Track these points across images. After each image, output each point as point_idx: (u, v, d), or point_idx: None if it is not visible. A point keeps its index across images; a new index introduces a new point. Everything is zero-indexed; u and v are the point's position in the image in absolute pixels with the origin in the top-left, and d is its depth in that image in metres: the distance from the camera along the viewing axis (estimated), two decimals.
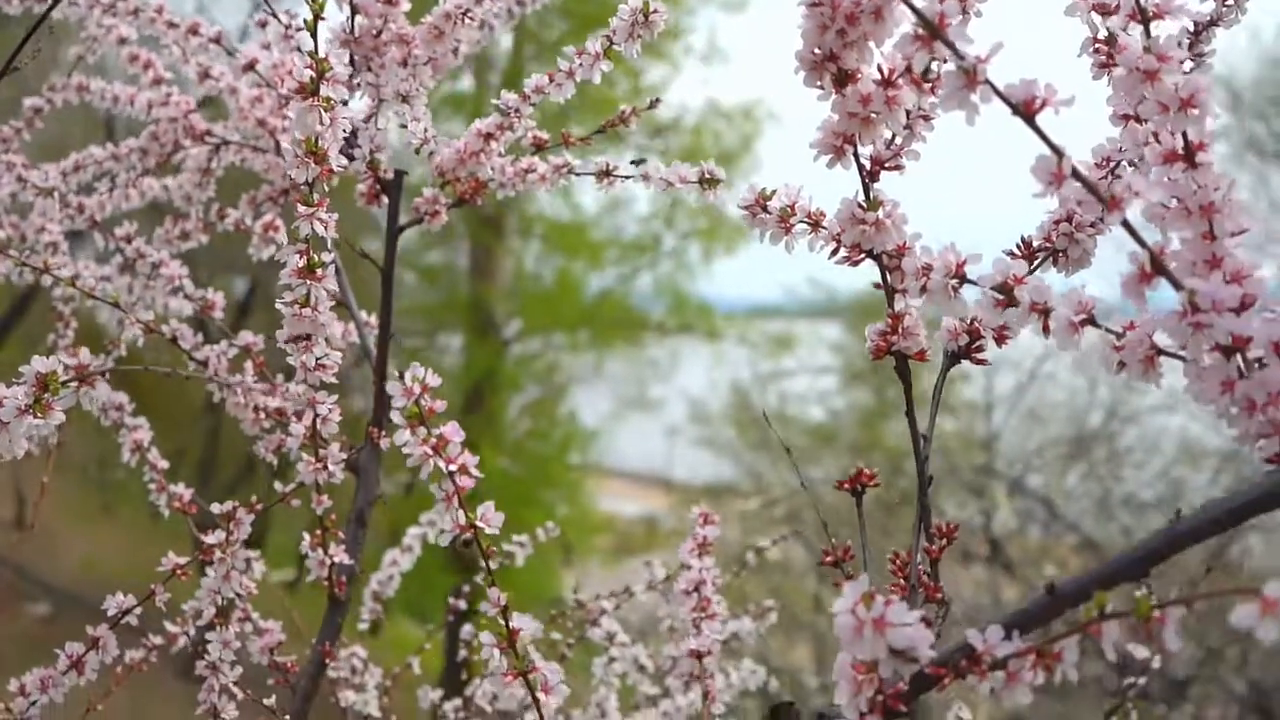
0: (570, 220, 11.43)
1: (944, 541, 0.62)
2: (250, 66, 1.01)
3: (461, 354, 10.86)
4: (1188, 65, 0.71)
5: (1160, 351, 0.53)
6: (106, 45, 1.20)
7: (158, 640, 1.13)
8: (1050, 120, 0.52)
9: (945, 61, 0.53)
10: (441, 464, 0.61)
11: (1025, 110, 0.49)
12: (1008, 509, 5.93)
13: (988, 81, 0.49)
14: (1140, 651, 1.10)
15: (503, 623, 0.64)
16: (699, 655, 0.91)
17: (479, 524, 0.62)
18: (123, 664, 1.14)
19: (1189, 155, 0.53)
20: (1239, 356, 0.50)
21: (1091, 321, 0.55)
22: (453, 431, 0.61)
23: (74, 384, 0.65)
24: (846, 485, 0.66)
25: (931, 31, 0.49)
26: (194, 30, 1.06)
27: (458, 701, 1.32)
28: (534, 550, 1.50)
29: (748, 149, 10.21)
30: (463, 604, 1.50)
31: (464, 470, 0.61)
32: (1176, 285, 0.50)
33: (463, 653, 1.31)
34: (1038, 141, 0.51)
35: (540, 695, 0.63)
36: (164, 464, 1.07)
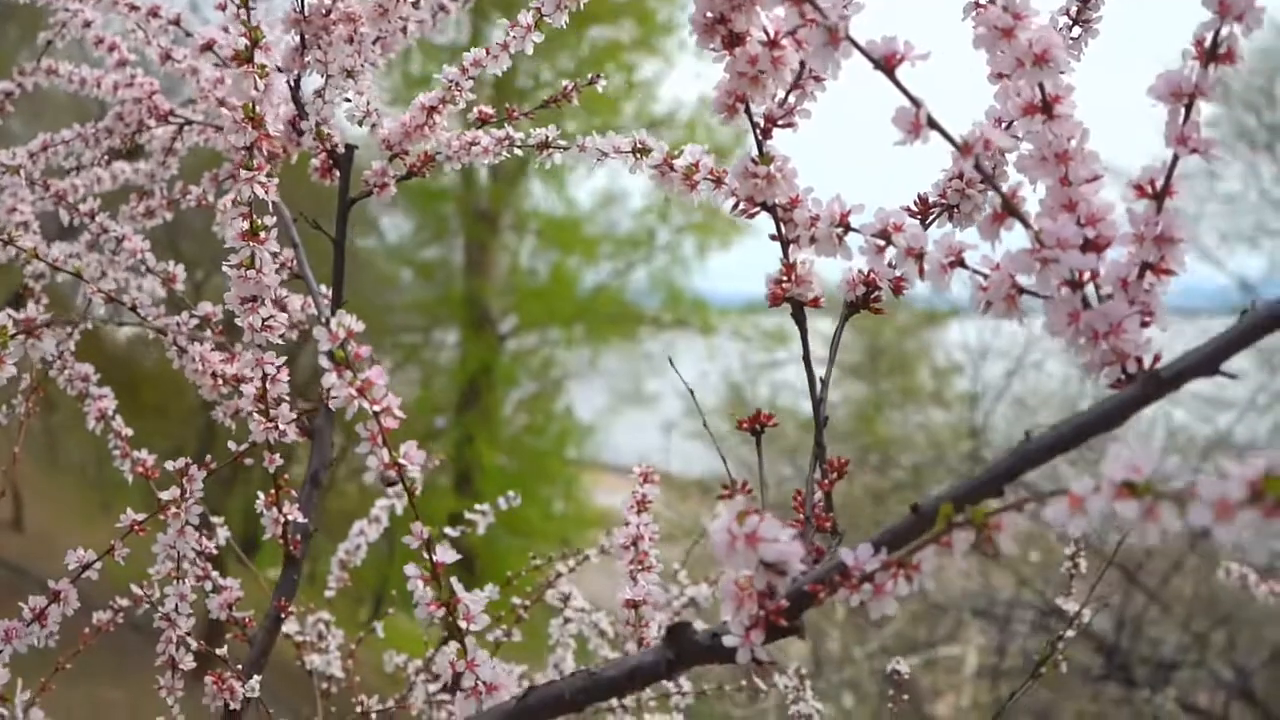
0: (565, 215, 11.48)
1: (835, 476, 0.66)
2: (208, 47, 1.04)
3: (457, 349, 10.91)
4: (1076, 31, 0.75)
5: (1021, 290, 0.57)
6: (74, 29, 1.24)
7: (124, 602, 1.17)
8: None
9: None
10: (366, 405, 0.64)
11: (886, 65, 0.53)
12: None
13: (849, 38, 0.53)
14: (1069, 606, 1.14)
15: (427, 556, 0.68)
16: (634, 605, 0.95)
17: (402, 461, 0.66)
18: (90, 625, 1.19)
19: (1046, 107, 0.57)
20: (1086, 290, 0.55)
21: (961, 263, 0.59)
22: (377, 374, 0.65)
23: (21, 336, 0.69)
24: (745, 425, 0.70)
25: None
26: (154, 13, 1.10)
27: (418, 663, 1.36)
28: (510, 527, 1.54)
29: (741, 143, 10.23)
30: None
31: (388, 411, 0.65)
32: (1026, 225, 0.54)
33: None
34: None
35: (462, 624, 0.67)
36: (128, 431, 1.11)
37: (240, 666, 0.95)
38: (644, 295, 11.52)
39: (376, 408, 0.65)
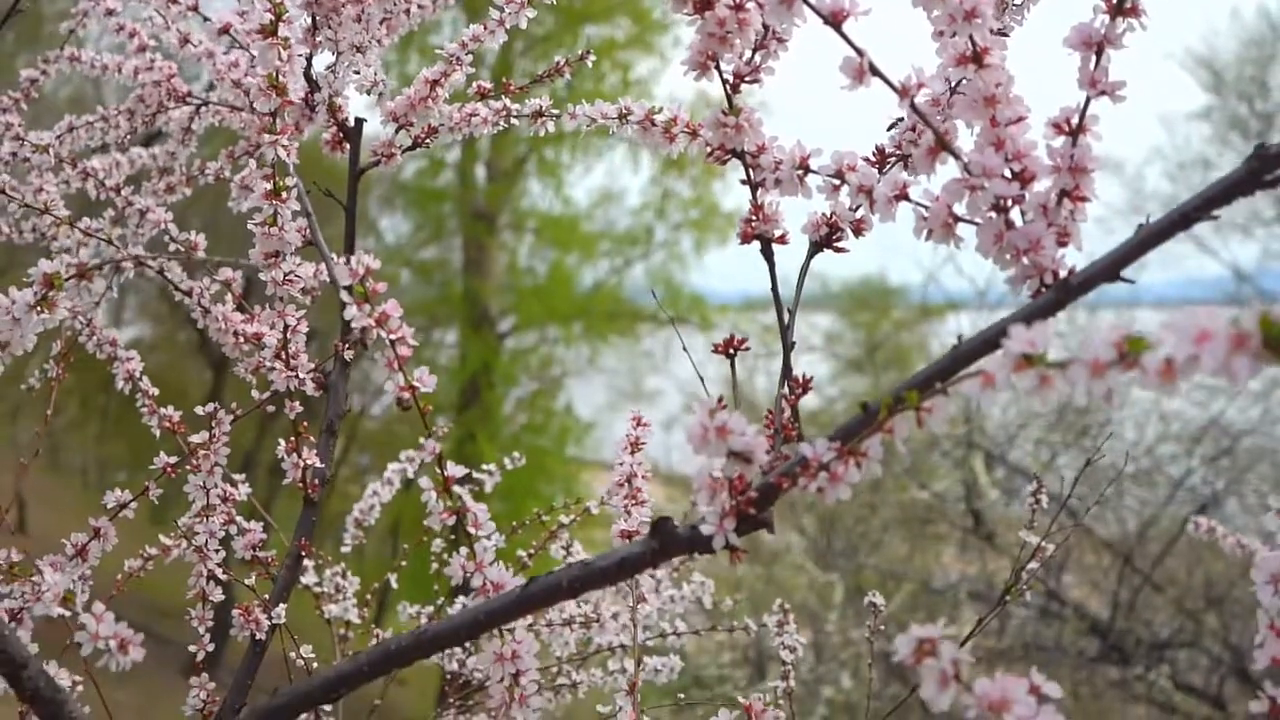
0: (562, 214, 11.56)
1: (800, 391, 0.74)
2: (225, 30, 1.13)
3: (457, 349, 11.00)
4: None
5: (956, 217, 0.65)
6: (97, 18, 1.32)
7: (154, 551, 1.25)
8: None
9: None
10: (384, 334, 0.73)
11: (834, 20, 0.62)
12: (987, 480, 6.07)
13: None
14: (1031, 538, 1.23)
15: (439, 471, 0.76)
16: (628, 536, 1.03)
17: (417, 384, 0.74)
18: (123, 573, 1.27)
19: (977, 58, 0.65)
20: (1012, 215, 0.63)
21: (905, 197, 0.67)
22: (393, 308, 0.73)
23: (74, 280, 0.77)
24: (720, 349, 0.78)
25: None
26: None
27: (430, 609, 1.44)
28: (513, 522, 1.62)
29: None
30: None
31: (403, 340, 0.73)
32: (956, 157, 0.62)
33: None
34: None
35: (471, 530, 0.76)
36: (155, 391, 1.19)
37: (268, 597, 1.03)
38: (642, 293, 11.61)
39: (393, 336, 0.73)
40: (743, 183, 0.75)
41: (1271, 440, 7.66)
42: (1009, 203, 0.62)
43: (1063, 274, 0.61)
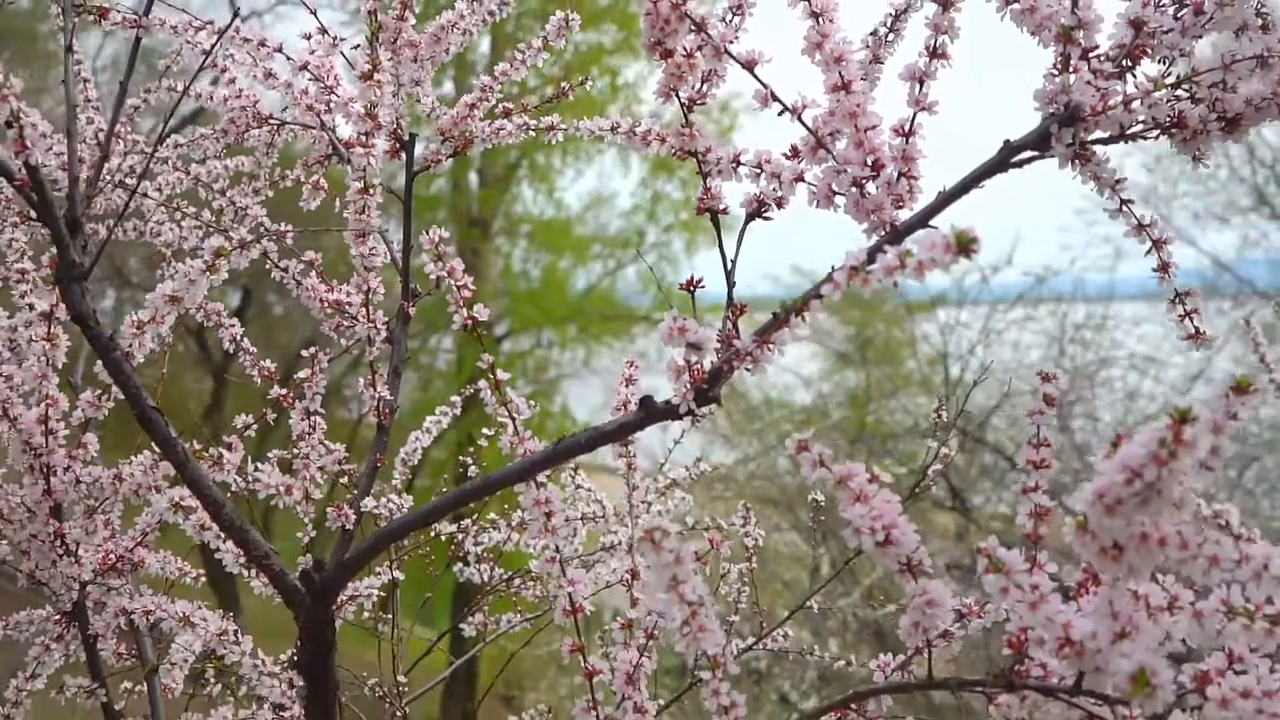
0: (554, 218, 11.89)
1: (739, 312, 1.08)
2: (304, 66, 1.47)
3: (454, 353, 11.33)
4: (890, 36, 1.17)
5: (834, 192, 0.99)
6: (191, 58, 1.65)
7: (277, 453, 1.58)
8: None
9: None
10: (453, 282, 1.07)
11: (748, 65, 0.96)
12: (962, 459, 6.41)
13: (728, 51, 0.95)
14: (931, 443, 1.56)
15: (492, 376, 1.10)
16: (625, 444, 1.37)
17: (475, 315, 1.08)
18: (231, 490, 1.60)
19: (845, 86, 0.99)
20: (868, 189, 0.97)
21: (801, 179, 1.01)
22: (458, 264, 1.07)
23: (236, 250, 1.11)
24: (684, 287, 1.12)
25: (698, 26, 0.95)
26: (263, 43, 1.52)
27: (467, 522, 1.78)
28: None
29: (732, 128, 10.73)
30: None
31: (465, 285, 1.07)
32: (829, 152, 0.96)
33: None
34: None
35: (514, 416, 1.10)
36: (254, 350, 1.52)
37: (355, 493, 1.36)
38: (635, 294, 11.94)
39: (459, 283, 1.07)
40: (695, 173, 1.08)
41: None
42: (865, 181, 0.96)
43: (898, 225, 0.96)
